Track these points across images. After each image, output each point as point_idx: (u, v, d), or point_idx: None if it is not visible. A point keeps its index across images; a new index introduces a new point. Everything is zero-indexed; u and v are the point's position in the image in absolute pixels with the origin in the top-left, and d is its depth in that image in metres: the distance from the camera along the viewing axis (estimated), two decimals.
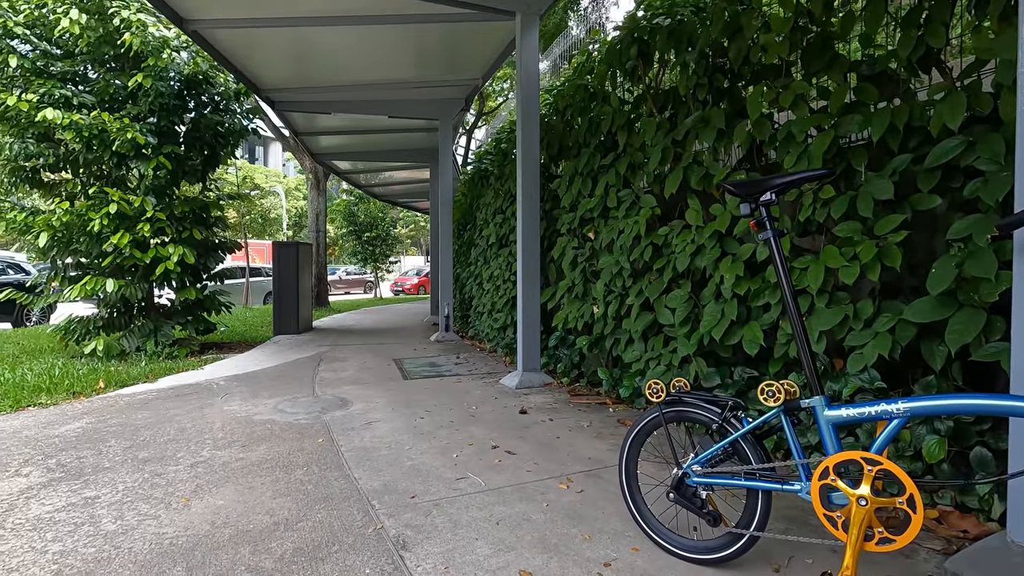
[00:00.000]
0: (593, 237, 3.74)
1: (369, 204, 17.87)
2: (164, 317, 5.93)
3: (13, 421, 3.42)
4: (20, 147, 5.10)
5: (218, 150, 6.12)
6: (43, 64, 5.03)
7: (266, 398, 3.90)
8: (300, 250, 7.94)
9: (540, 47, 11.29)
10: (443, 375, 4.77)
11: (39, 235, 5.08)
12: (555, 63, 9.16)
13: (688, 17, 3.19)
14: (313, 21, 4.72)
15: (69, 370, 4.78)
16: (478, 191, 6.63)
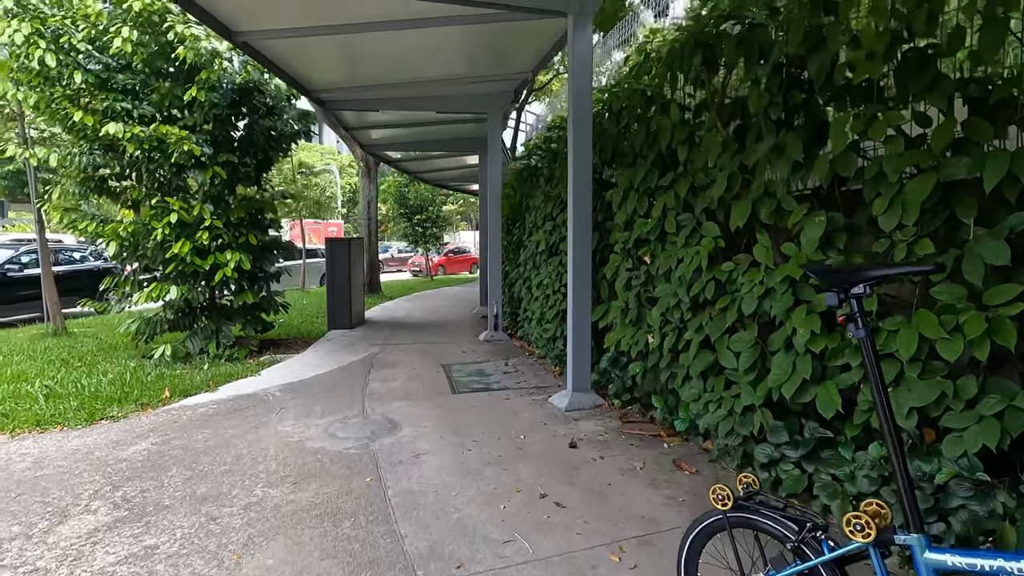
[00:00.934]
0: (649, 261, 3.51)
1: (420, 186, 17.93)
2: (225, 318, 6.13)
3: (87, 438, 3.61)
4: (88, 159, 5.30)
5: (271, 154, 6.19)
6: (106, 77, 5.17)
7: (318, 417, 3.95)
8: (352, 246, 8.02)
9: (598, 33, 10.80)
10: (491, 388, 4.71)
11: (109, 243, 5.32)
12: (612, 50, 8.71)
13: (760, 19, 2.86)
14: (362, 28, 4.61)
15: (138, 376, 5.03)
16: (528, 188, 6.44)
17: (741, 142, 2.94)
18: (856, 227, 2.35)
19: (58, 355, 6.08)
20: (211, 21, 4.28)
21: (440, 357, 5.99)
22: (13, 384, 4.73)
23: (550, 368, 5.34)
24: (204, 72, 5.02)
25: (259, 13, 4.40)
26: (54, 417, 3.96)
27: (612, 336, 3.93)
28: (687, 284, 3.08)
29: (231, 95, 5.42)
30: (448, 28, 4.84)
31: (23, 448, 3.46)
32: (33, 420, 3.90)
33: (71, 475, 3.03)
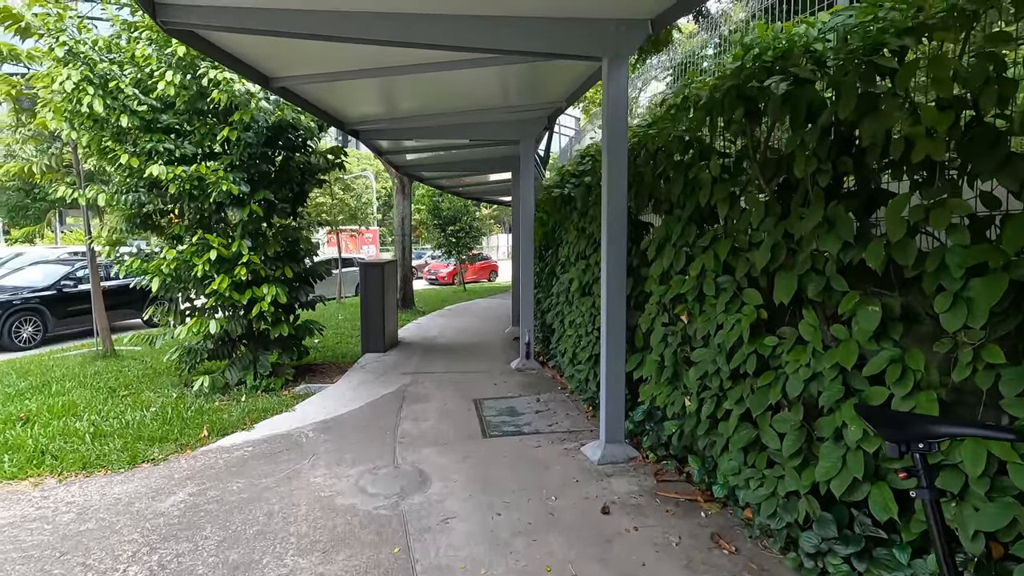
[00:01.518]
0: (686, 321, 3.38)
1: (453, 198, 18.02)
2: (262, 347, 6.26)
3: (128, 485, 3.71)
4: (134, 197, 5.48)
5: (305, 186, 6.29)
6: (150, 119, 5.34)
7: (349, 465, 3.96)
8: (385, 269, 8.09)
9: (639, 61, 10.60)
10: (522, 431, 4.65)
11: (152, 279, 5.49)
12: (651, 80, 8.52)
13: (807, 74, 2.70)
14: (399, 71, 4.62)
15: (179, 410, 5.17)
16: (560, 217, 6.34)
17: (786, 205, 2.79)
18: (915, 314, 2.19)
19: (106, 382, 6.33)
20: (248, 71, 4.35)
21: (471, 390, 5.96)
22: (63, 419, 4.92)
23: (583, 408, 5.24)
24: (237, 113, 5.13)
25: (295, 63, 4.45)
26: (99, 459, 4.09)
27: (647, 390, 3.81)
28: (726, 353, 2.94)
29: (265, 133, 5.53)
30: (484, 68, 4.80)
31: (70, 495, 3.58)
32: (80, 462, 4.04)
33: (111, 531, 3.11)
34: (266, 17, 3.45)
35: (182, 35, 3.52)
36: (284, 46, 4.13)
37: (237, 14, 3.36)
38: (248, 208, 5.44)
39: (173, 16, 3.22)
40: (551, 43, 3.87)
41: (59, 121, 5.43)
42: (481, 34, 3.79)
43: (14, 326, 9.65)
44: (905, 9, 2.42)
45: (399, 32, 3.68)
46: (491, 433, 4.65)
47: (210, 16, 3.29)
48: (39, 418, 5.01)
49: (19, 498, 3.56)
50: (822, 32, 2.92)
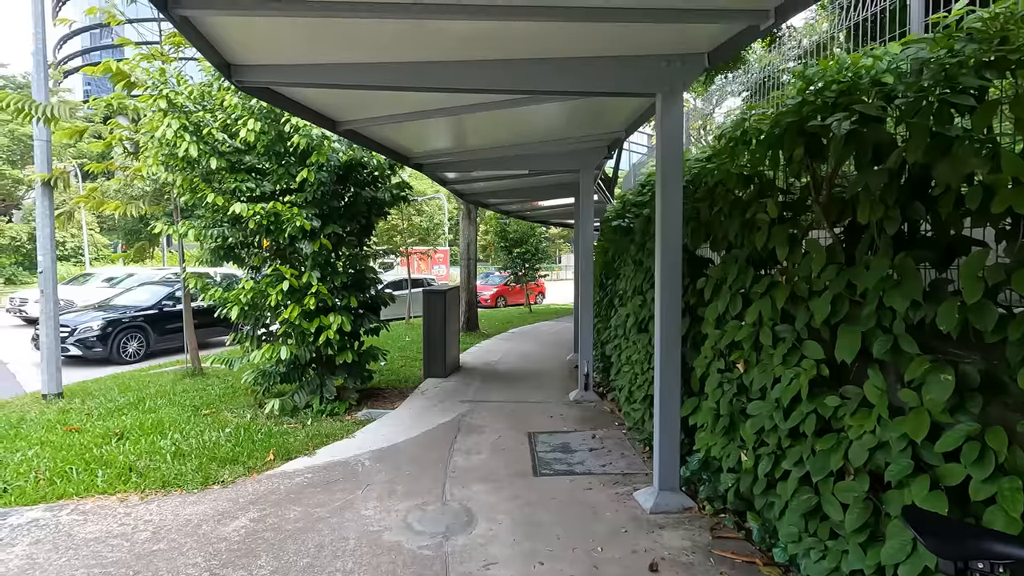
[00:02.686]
0: (742, 369, 3.19)
1: (520, 220, 18.22)
2: (329, 372, 6.55)
3: (199, 506, 3.97)
4: (219, 231, 5.96)
5: (372, 219, 6.59)
6: (235, 160, 5.81)
7: (399, 498, 4.03)
8: (448, 296, 8.27)
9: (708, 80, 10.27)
10: (575, 472, 4.54)
11: (232, 308, 5.92)
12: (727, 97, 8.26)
13: (874, 111, 2.50)
14: (460, 110, 4.77)
15: (251, 432, 5.50)
16: (619, 248, 6.23)
17: (850, 252, 2.59)
18: (998, 384, 1.94)
19: (192, 400, 6.85)
20: (318, 118, 4.64)
21: (527, 422, 5.92)
22: (151, 437, 5.37)
23: (639, 448, 5.05)
24: (314, 155, 5.48)
25: (361, 108, 4.71)
26: (176, 479, 4.42)
27: (703, 439, 3.62)
28: (784, 409, 2.74)
29: (336, 172, 5.86)
30: (544, 104, 4.86)
31: (148, 513, 3.88)
32: (160, 481, 4.38)
33: (179, 553, 3.33)
34: (327, 72, 3.68)
35: (256, 91, 3.83)
36: (351, 95, 4.39)
37: (302, 71, 3.61)
38: (319, 241, 5.76)
39: (246, 76, 3.51)
40: (605, 83, 3.86)
41: (156, 165, 6.03)
42: (539, 77, 3.85)
43: (122, 342, 10.69)
44: (986, 41, 2.21)
45: (459, 80, 3.82)
46: (542, 471, 4.58)
47: (278, 74, 3.56)
48: (131, 434, 5.50)
49: (107, 513, 3.91)
50: (892, 64, 2.72)
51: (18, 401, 7.06)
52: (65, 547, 3.44)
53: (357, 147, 6.07)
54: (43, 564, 3.24)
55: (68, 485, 4.32)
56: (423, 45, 3.47)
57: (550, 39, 3.49)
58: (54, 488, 4.28)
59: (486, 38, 3.43)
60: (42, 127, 6.69)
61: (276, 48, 3.37)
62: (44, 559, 3.30)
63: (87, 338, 10.26)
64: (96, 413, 6.33)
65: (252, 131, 5.33)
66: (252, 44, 3.27)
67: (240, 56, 3.42)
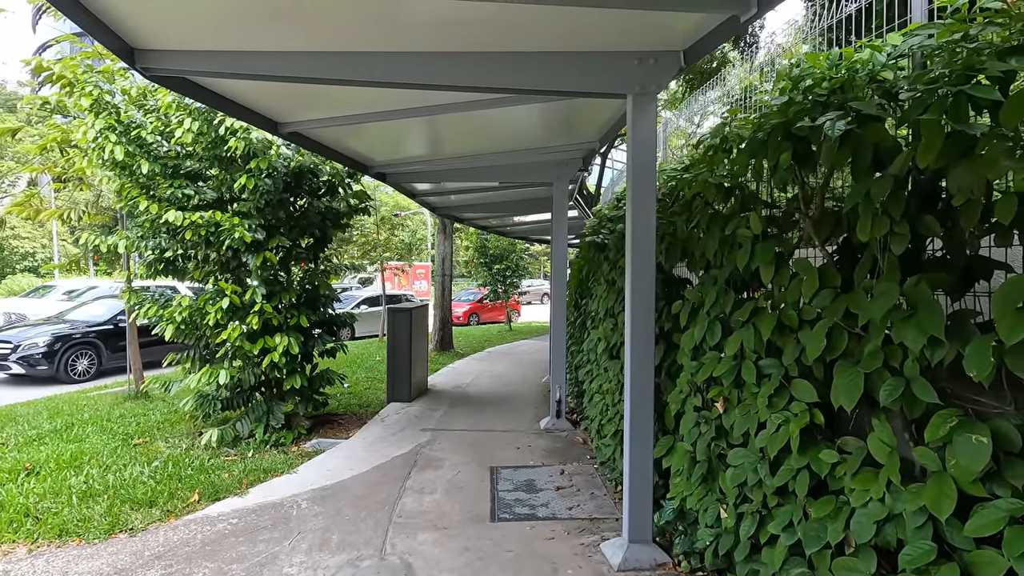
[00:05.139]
0: (722, 410, 2.75)
1: (501, 236, 17.83)
2: (278, 398, 5.99)
3: (92, 562, 3.39)
4: (154, 242, 5.43)
5: (328, 231, 6.09)
6: (173, 165, 5.30)
7: (332, 552, 3.49)
8: (414, 314, 7.78)
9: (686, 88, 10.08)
10: (536, 516, 4.04)
11: (167, 326, 5.37)
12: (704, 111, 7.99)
13: (872, 110, 2.10)
14: (419, 112, 4.34)
15: (180, 466, 4.91)
16: (592, 267, 5.81)
17: (847, 274, 2.17)
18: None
19: (125, 427, 6.25)
20: (255, 117, 4.18)
21: (491, 454, 5.41)
22: (64, 472, 4.76)
23: (610, 488, 4.57)
24: (254, 161, 4.99)
25: (306, 107, 4.26)
26: (78, 525, 3.83)
27: (677, 486, 3.16)
28: (770, 462, 2.30)
29: (283, 179, 5.38)
30: (511, 108, 4.45)
31: (31, 572, 3.30)
32: (58, 528, 3.80)
33: None
34: (259, 61, 3.22)
35: (169, 82, 3.35)
36: (291, 90, 3.93)
37: (225, 58, 3.15)
38: (262, 255, 5.25)
39: (155, 63, 3.03)
40: (568, 80, 3.47)
41: (93, 167, 5.50)
42: (494, 73, 3.44)
43: (71, 359, 9.96)
44: (1008, 23, 1.84)
45: (406, 73, 3.39)
46: (501, 515, 4.07)
47: (196, 61, 3.10)
48: (44, 468, 4.89)
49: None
50: (892, 58, 2.34)
51: None
52: None
53: (307, 153, 5.60)
54: None
55: None
56: (364, 31, 3.05)
57: (510, 28, 3.08)
58: None
59: (436, 23, 3.01)
60: None
61: (191, 27, 2.91)
62: None
63: (31, 355, 9.54)
64: (13, 442, 5.69)
65: (189, 131, 4.83)
66: (157, 21, 2.80)
67: (146, 39, 2.95)
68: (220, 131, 4.87)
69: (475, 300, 22.75)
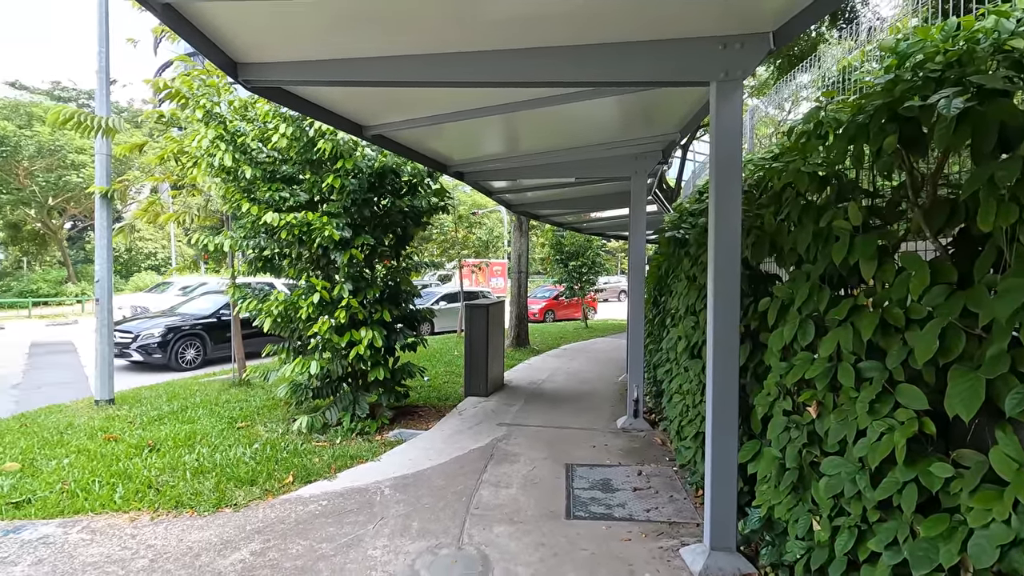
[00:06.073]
0: (815, 414, 2.57)
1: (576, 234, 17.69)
2: (363, 388, 6.30)
3: (203, 532, 3.73)
4: (254, 242, 5.87)
5: (409, 229, 6.32)
6: (272, 170, 5.71)
7: (412, 538, 3.63)
8: (491, 311, 7.89)
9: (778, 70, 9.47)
10: (613, 516, 3.98)
11: (264, 319, 5.80)
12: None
13: (997, 84, 1.87)
14: (497, 111, 4.41)
15: (276, 449, 5.30)
16: (673, 263, 5.62)
17: (966, 269, 1.95)
18: None
19: (230, 411, 6.81)
20: (341, 122, 4.40)
21: (567, 451, 5.39)
22: (179, 450, 5.28)
23: (691, 491, 4.41)
24: (340, 162, 5.28)
25: (389, 110, 4.44)
26: (191, 498, 4.23)
27: (764, 494, 2.99)
28: (871, 472, 2.11)
29: (368, 180, 5.63)
30: (588, 101, 4.41)
31: (153, 537, 3.69)
32: (174, 500, 4.21)
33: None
34: (346, 68, 3.39)
35: (269, 92, 3.61)
36: (374, 93, 4.11)
37: (317, 68, 3.34)
38: (349, 252, 5.54)
39: (255, 75, 3.28)
40: (648, 70, 3.36)
41: (204, 175, 6.05)
42: (574, 67, 3.41)
43: (181, 349, 11.03)
44: None
45: (486, 72, 3.44)
46: (576, 513, 4.04)
47: (290, 72, 3.31)
48: (163, 445, 5.45)
49: (114, 534, 3.74)
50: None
51: (74, 406, 7.28)
52: (62, 571, 3.27)
53: (390, 153, 5.83)
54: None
55: (87, 499, 4.23)
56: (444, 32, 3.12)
57: (588, 20, 3.04)
58: (74, 502, 4.20)
59: (515, 20, 3.02)
60: (103, 141, 6.93)
61: (286, 40, 3.11)
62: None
63: (148, 344, 10.64)
64: (138, 421, 6.38)
65: (284, 136, 5.20)
66: (259, 35, 3.02)
67: (247, 53, 3.19)
68: (311, 134, 5.19)
69: (551, 297, 22.73)
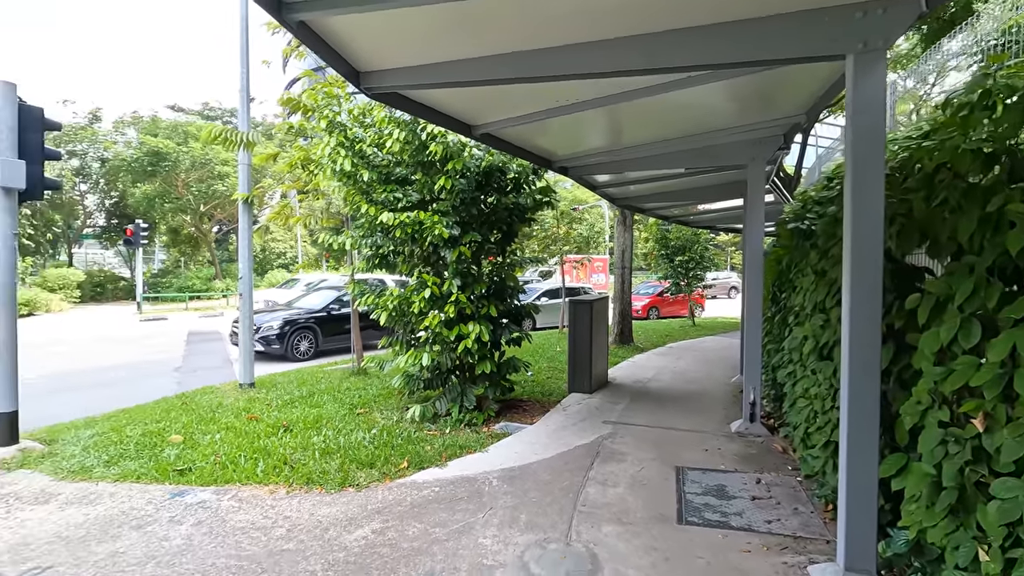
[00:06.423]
0: (981, 428, 2.23)
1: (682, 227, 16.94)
2: (470, 381, 6.50)
3: (331, 508, 4.05)
4: (371, 240, 6.27)
5: (514, 226, 6.41)
6: (386, 173, 6.06)
7: (521, 530, 3.68)
8: (595, 307, 7.79)
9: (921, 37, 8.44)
10: (729, 524, 3.76)
11: (381, 313, 6.17)
12: None
13: None
14: (602, 102, 4.35)
15: (392, 435, 5.62)
16: (796, 256, 5.18)
17: None
18: None
19: (351, 398, 7.33)
20: (451, 122, 4.55)
21: (676, 453, 5.19)
22: (308, 432, 5.78)
23: (818, 504, 4.05)
24: (451, 163, 5.46)
25: (496, 108, 4.52)
26: (320, 477, 4.61)
27: (913, 514, 2.65)
28: None
29: (475, 179, 5.78)
30: (698, 87, 4.20)
31: (288, 509, 4.07)
32: (306, 477, 4.61)
33: (303, 557, 3.37)
34: (456, 69, 3.50)
35: (387, 97, 3.81)
36: (482, 94, 4.20)
37: (429, 71, 3.48)
38: (458, 250, 5.73)
39: (375, 82, 3.48)
40: (774, 47, 3.12)
41: (328, 179, 6.56)
42: (691, 50, 3.25)
43: (295, 341, 11.89)
44: None
45: (596, 63, 3.38)
46: (689, 518, 3.87)
47: (405, 76, 3.48)
48: (295, 426, 5.99)
49: (256, 503, 4.18)
50: None
51: (223, 388, 8.25)
52: (217, 533, 3.71)
53: (496, 152, 5.94)
54: (196, 547, 3.52)
55: (235, 471, 4.76)
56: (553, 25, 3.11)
57: None
58: (224, 472, 4.74)
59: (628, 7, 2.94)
60: (244, 152, 7.76)
61: (401, 46, 3.28)
62: (198, 542, 3.58)
63: (268, 336, 11.61)
64: (274, 404, 7.08)
65: (397, 141, 5.49)
66: (376, 45, 3.21)
67: (367, 62, 3.40)
68: (423, 137, 5.44)
69: (655, 293, 22.04)
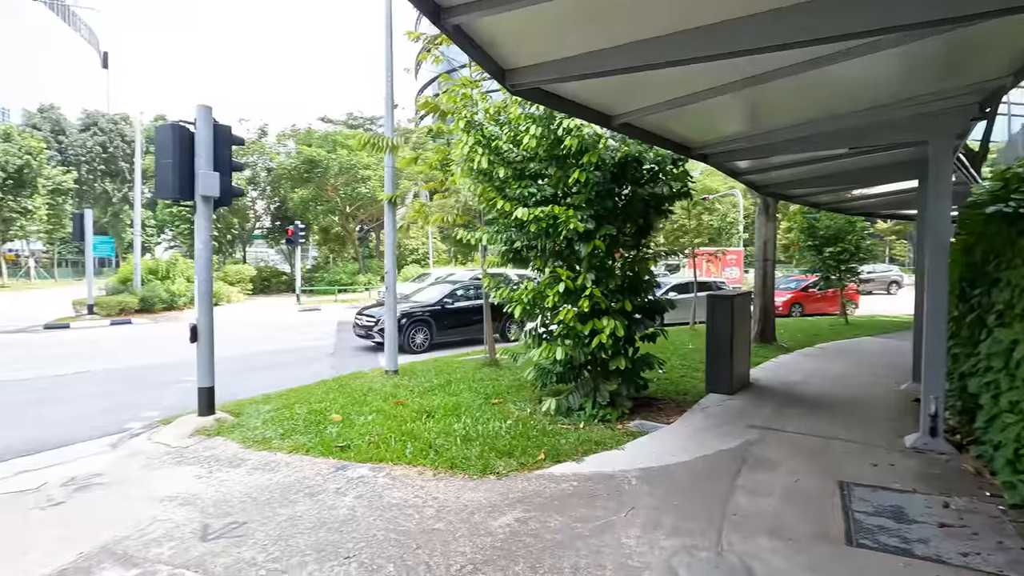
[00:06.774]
0: None
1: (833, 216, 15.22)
2: (603, 377, 6.42)
3: (476, 494, 4.23)
4: (506, 235, 6.42)
5: (650, 219, 6.18)
6: (521, 168, 6.17)
7: (665, 534, 3.54)
8: (736, 302, 7.29)
9: None
10: (912, 553, 3.29)
11: (515, 307, 6.30)
12: None
13: None
14: (749, 83, 4.04)
15: (527, 427, 5.72)
16: (999, 241, 4.39)
17: None
18: None
19: (485, 388, 7.60)
20: (590, 114, 4.49)
21: (837, 466, 4.68)
22: (449, 419, 6.08)
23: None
24: (586, 156, 5.39)
25: (635, 96, 4.38)
26: (462, 462, 4.82)
27: None
28: None
29: (610, 171, 5.66)
30: (866, 58, 3.71)
31: (436, 491, 4.31)
32: (450, 461, 4.85)
33: (453, 538, 3.55)
34: (596, 59, 3.43)
35: (528, 93, 3.85)
36: (619, 82, 4.09)
37: (569, 63, 3.45)
38: (592, 243, 5.67)
39: (518, 79, 3.53)
40: None
41: (464, 177, 6.84)
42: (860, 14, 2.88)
43: (412, 333, 12.38)
44: None
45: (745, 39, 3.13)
46: (860, 541, 3.46)
47: (546, 71, 3.48)
48: (436, 413, 6.35)
49: (407, 483, 4.49)
50: None
51: (371, 373, 9.00)
52: (376, 506, 4.04)
53: (632, 142, 5.75)
54: (358, 518, 3.86)
55: (387, 451, 5.15)
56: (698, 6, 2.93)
57: None
58: (378, 451, 5.15)
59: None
60: (389, 156, 8.36)
61: (543, 41, 3.29)
62: (360, 514, 3.92)
63: None
64: (416, 391, 7.56)
65: (533, 137, 5.54)
66: (520, 41, 3.25)
67: (511, 59, 3.46)
68: (558, 132, 5.44)
69: (797, 288, 20.13)
